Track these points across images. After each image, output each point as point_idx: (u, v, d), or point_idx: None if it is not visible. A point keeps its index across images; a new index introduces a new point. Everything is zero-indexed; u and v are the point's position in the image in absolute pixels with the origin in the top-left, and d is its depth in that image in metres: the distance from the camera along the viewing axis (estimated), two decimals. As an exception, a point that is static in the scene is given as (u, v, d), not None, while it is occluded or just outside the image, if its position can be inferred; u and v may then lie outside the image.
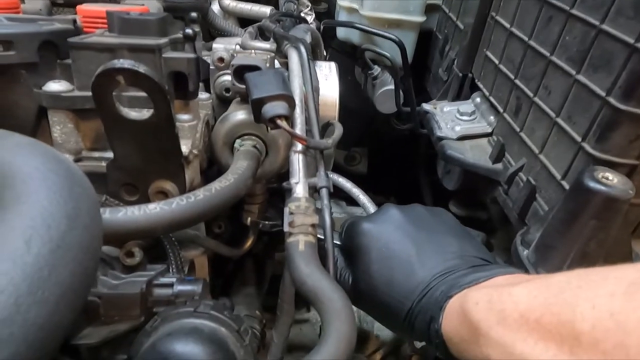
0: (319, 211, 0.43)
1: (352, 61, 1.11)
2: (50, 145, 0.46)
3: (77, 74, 0.44)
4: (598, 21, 0.44)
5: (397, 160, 1.47)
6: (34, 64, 0.43)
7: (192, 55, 0.46)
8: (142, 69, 0.37)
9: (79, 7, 0.54)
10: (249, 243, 0.66)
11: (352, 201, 1.07)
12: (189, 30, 0.47)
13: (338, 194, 1.21)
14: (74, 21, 0.48)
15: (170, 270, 0.49)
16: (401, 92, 0.98)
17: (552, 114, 0.51)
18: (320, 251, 0.40)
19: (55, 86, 0.44)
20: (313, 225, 0.39)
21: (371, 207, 1.01)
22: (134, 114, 0.41)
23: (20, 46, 0.42)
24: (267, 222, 0.62)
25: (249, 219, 0.64)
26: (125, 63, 0.36)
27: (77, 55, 0.44)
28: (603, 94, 0.43)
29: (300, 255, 0.37)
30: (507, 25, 0.62)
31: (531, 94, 0.56)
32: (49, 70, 0.45)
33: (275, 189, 0.68)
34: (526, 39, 0.57)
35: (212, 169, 0.59)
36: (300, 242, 0.38)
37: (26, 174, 0.27)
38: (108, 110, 0.40)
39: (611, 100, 0.42)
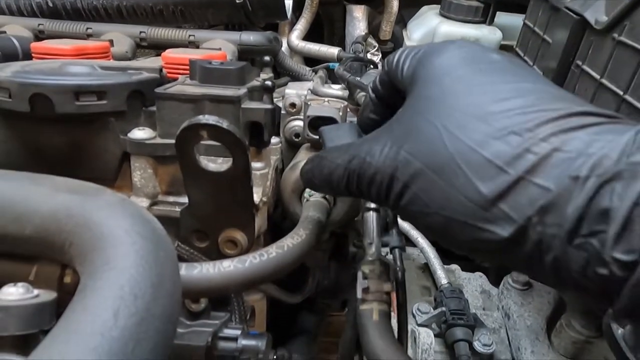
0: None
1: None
2: (130, 188, 0.48)
3: (161, 122, 0.46)
4: None
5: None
6: (122, 112, 0.45)
7: (269, 106, 0.47)
8: (225, 124, 0.37)
9: (163, 54, 0.57)
10: (308, 289, 0.65)
11: (408, 240, 1.03)
12: (268, 83, 0.47)
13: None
14: (160, 70, 0.50)
15: (233, 319, 0.48)
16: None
17: (654, 178, 0.46)
18: None
19: (139, 134, 0.45)
20: (388, 293, 0.37)
21: (430, 252, 0.96)
22: (212, 165, 0.41)
23: (112, 96, 0.44)
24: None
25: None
26: (210, 119, 0.37)
27: (161, 105, 0.45)
28: None
29: (374, 326, 0.35)
30: (597, 76, 0.58)
31: (626, 153, 0.51)
32: (135, 117, 0.46)
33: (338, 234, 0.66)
34: (621, 92, 0.53)
35: (277, 211, 0.59)
36: (374, 312, 0.36)
37: (116, 237, 0.27)
38: (189, 162, 0.40)
39: None
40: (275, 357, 0.49)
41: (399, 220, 1.01)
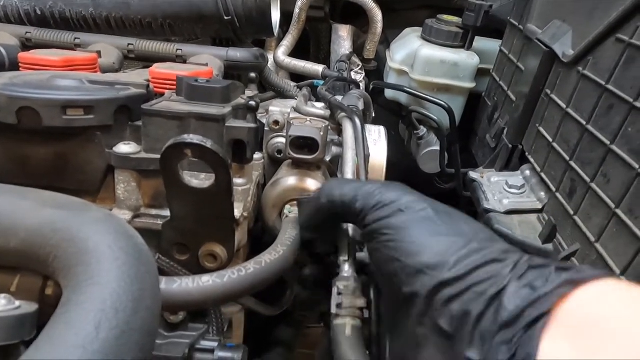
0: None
1: (397, 118, 1.13)
2: (113, 200, 0.49)
3: (146, 138, 0.47)
4: (665, 118, 0.43)
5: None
6: (108, 126, 0.46)
7: (252, 125, 0.49)
8: (209, 144, 0.39)
9: (151, 70, 0.58)
10: (285, 301, 0.66)
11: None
12: (252, 102, 0.49)
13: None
14: (147, 86, 0.51)
15: (211, 331, 0.49)
16: (446, 154, 0.98)
17: (612, 204, 0.50)
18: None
19: (125, 148, 0.46)
20: (361, 309, 0.39)
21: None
22: (195, 182, 0.43)
23: (99, 111, 0.45)
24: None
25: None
26: (194, 138, 0.39)
27: (148, 121, 0.47)
28: (670, 194, 0.42)
29: (347, 340, 0.37)
30: (563, 105, 0.62)
31: (588, 179, 0.54)
32: (121, 132, 0.48)
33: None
34: (584, 122, 0.56)
35: (257, 225, 0.60)
36: (347, 326, 0.38)
37: (100, 252, 0.29)
38: (172, 178, 0.42)
39: (679, 202, 0.41)
40: (251, 369, 0.50)
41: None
